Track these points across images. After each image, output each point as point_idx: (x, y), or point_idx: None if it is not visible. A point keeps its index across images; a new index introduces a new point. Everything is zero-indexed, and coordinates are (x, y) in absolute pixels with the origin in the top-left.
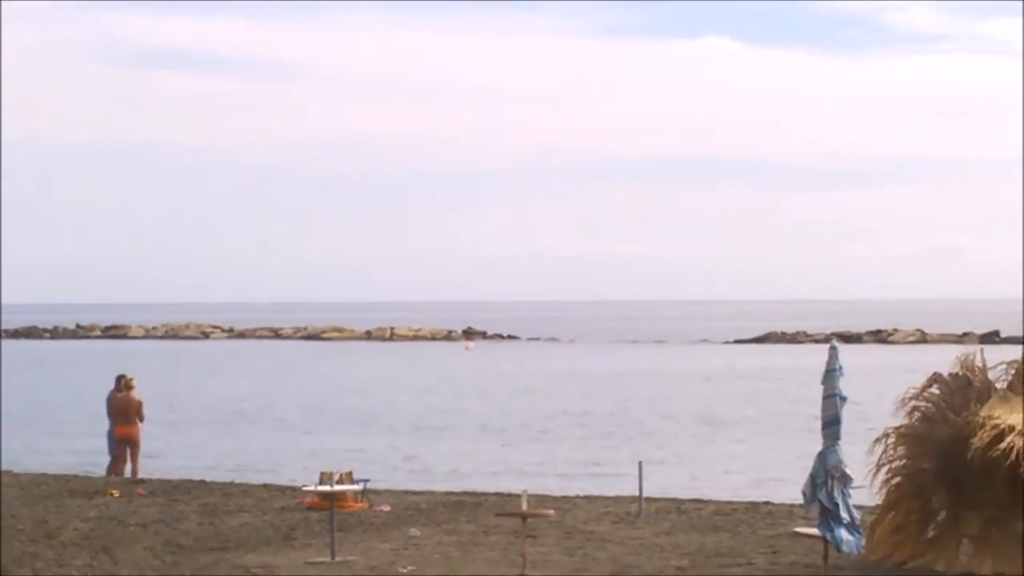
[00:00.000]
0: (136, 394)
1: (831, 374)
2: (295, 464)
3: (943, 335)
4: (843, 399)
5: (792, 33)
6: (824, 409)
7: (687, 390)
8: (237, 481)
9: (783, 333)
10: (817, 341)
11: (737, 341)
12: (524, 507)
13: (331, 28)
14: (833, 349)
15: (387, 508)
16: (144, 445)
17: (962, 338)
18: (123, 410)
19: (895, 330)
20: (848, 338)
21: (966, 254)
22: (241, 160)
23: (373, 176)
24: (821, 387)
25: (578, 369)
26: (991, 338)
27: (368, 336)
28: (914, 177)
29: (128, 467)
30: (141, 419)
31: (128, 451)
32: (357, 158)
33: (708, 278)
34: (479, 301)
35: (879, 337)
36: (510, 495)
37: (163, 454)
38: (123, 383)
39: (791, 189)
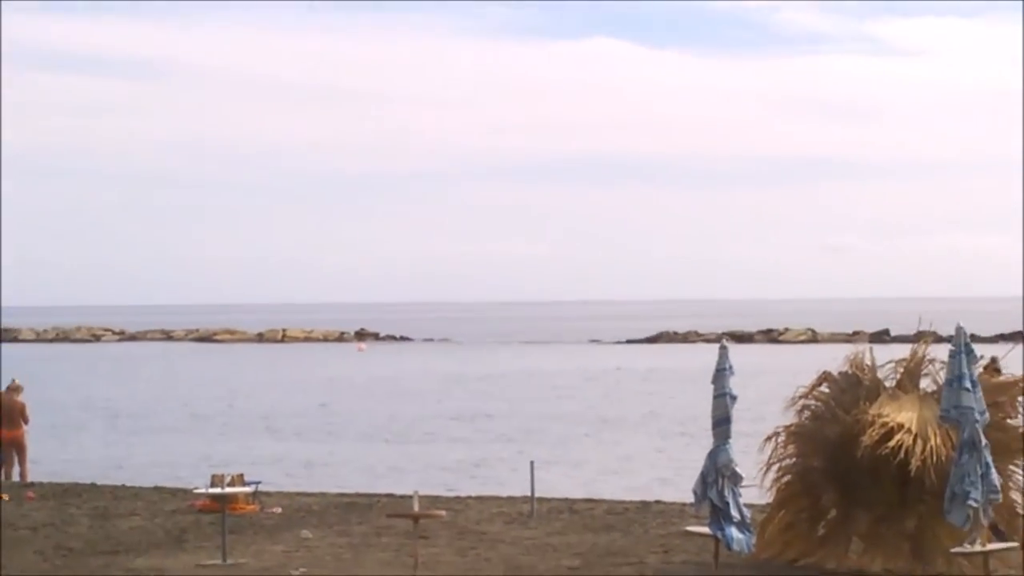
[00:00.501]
0: (21, 398)
1: (721, 373)
2: (186, 467)
3: (833, 334)
4: (733, 398)
5: (680, 34)
6: (715, 408)
7: (578, 390)
8: (128, 484)
9: (675, 333)
10: (709, 341)
11: (629, 341)
12: (416, 508)
13: (211, 29)
14: (723, 349)
15: (279, 510)
16: (32, 449)
17: (852, 337)
18: (9, 414)
19: (786, 329)
20: (740, 337)
21: (855, 253)
22: (131, 162)
23: (264, 178)
24: (712, 386)
25: (470, 370)
26: (881, 337)
27: (260, 338)
28: (802, 177)
29: (16, 471)
30: (26, 421)
31: (15, 455)
32: (248, 160)
33: (600, 278)
34: (372, 303)
35: (770, 336)
36: (402, 496)
37: (48, 459)
38: (9, 386)
39: (681, 189)
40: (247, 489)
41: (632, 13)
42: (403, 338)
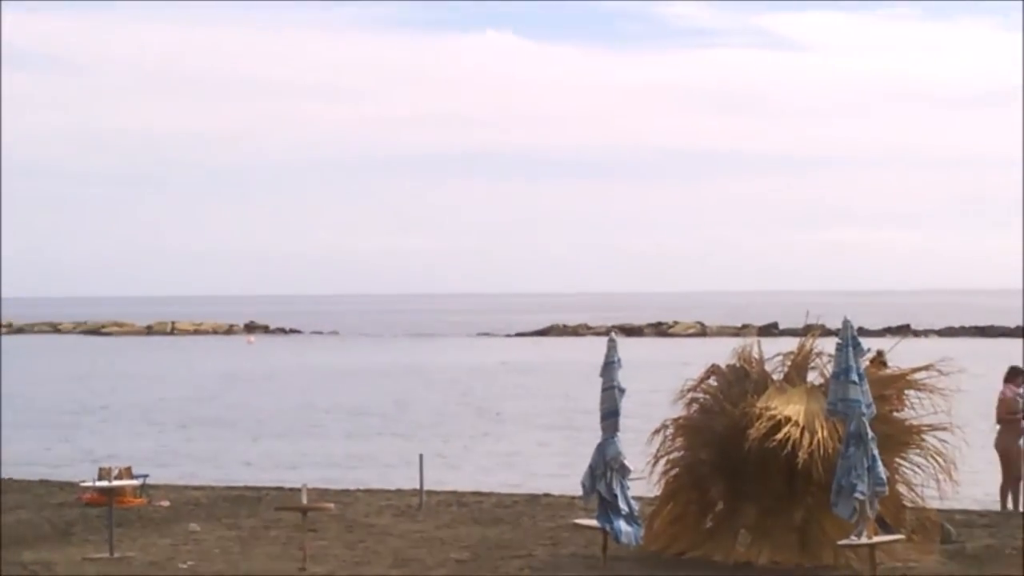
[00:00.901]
0: None
1: (610, 366)
2: (73, 460)
3: (722, 327)
4: (622, 391)
5: (570, 27)
6: (603, 401)
7: (468, 383)
8: (15, 478)
9: (565, 326)
10: (598, 334)
11: (519, 334)
12: (304, 501)
13: (95, 22)
14: (612, 342)
15: (166, 504)
16: None
17: (741, 330)
18: None
19: (675, 323)
20: (629, 331)
21: (744, 246)
22: (14, 155)
23: (151, 170)
24: (600, 379)
25: (360, 363)
26: (769, 330)
27: (149, 331)
28: (691, 170)
29: None
30: None
31: None
32: (134, 152)
33: (489, 271)
34: (262, 295)
35: (660, 330)
36: (290, 489)
37: None
38: None
39: (571, 182)
40: (135, 482)
41: (522, 7)
42: (292, 331)
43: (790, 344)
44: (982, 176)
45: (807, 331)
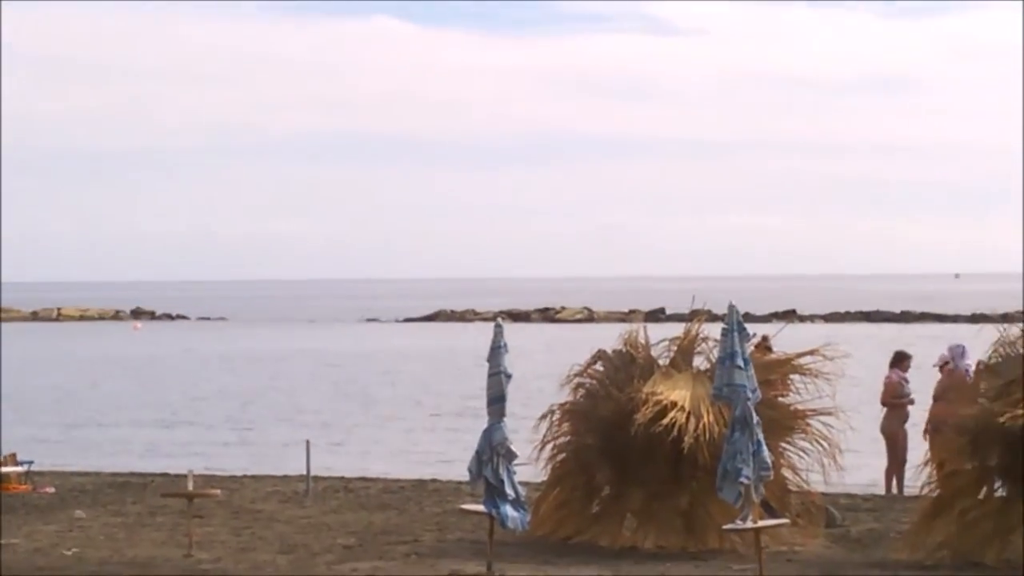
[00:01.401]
0: None
1: (496, 352)
2: None
3: (609, 313)
4: (508, 376)
5: (460, 13)
6: (490, 387)
7: (355, 369)
8: None
9: (452, 311)
10: (486, 319)
11: (406, 320)
12: (190, 487)
13: None
14: (498, 327)
15: (51, 490)
16: None
17: (628, 316)
18: None
19: (563, 308)
20: (517, 316)
21: (631, 232)
22: None
23: (27, 154)
24: (487, 365)
25: (247, 349)
26: (656, 316)
27: (34, 317)
28: (579, 154)
29: None
30: None
31: None
32: (9, 134)
33: (376, 256)
34: (148, 281)
35: (547, 315)
36: (176, 476)
37: None
38: None
39: (457, 167)
40: (19, 469)
41: None
42: (179, 316)
43: (676, 329)
44: (870, 161)
45: (693, 316)
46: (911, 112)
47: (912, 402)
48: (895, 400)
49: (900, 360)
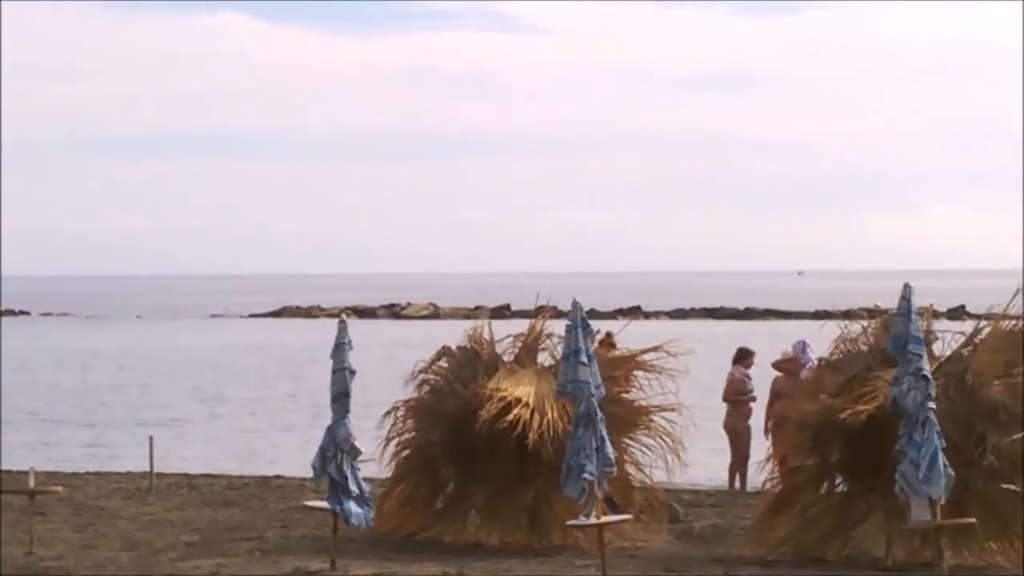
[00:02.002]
0: None
1: (340, 348)
2: None
3: (455, 309)
4: (352, 372)
5: (307, 9)
6: (334, 383)
7: (201, 365)
8: None
9: (298, 307)
10: (332, 315)
11: (252, 315)
12: (31, 484)
13: None
14: (342, 323)
15: None
16: None
17: (474, 312)
18: None
19: (408, 304)
20: (362, 312)
21: (480, 228)
22: None
23: None
24: (331, 361)
25: (91, 345)
26: (502, 312)
27: None
28: (430, 152)
29: None
30: None
31: None
32: None
33: (223, 252)
34: None
35: (393, 311)
36: (18, 472)
37: None
38: None
39: (305, 163)
40: None
41: None
42: (21, 312)
43: (522, 326)
44: (717, 157)
45: (538, 313)
46: (756, 109)
47: (754, 399)
48: (737, 397)
49: (743, 357)
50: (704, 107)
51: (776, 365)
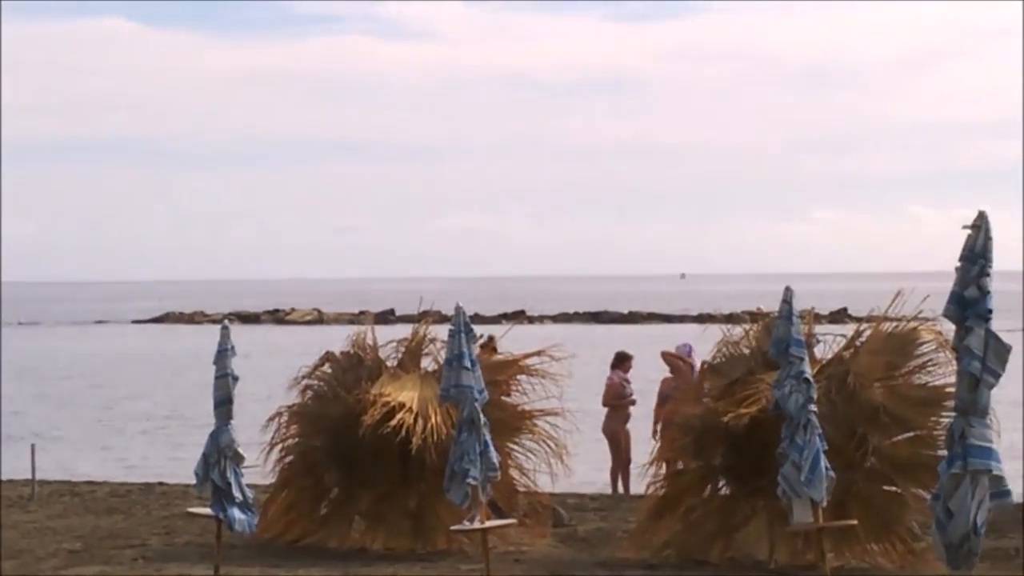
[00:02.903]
0: None
1: (223, 354)
2: None
3: (340, 314)
4: (235, 379)
5: (191, 14)
6: (217, 389)
7: (81, 372)
8: None
9: (181, 313)
10: (215, 321)
11: (135, 321)
12: None
13: None
14: (225, 329)
15: None
16: None
17: (358, 317)
18: None
19: (293, 310)
20: (246, 318)
21: (365, 234)
22: None
23: None
24: (214, 367)
25: None
26: (386, 317)
27: None
28: (314, 158)
29: None
30: None
31: None
32: None
33: (103, 258)
34: None
35: (277, 317)
36: None
37: None
38: None
39: (183, 168)
40: None
41: None
42: None
43: (406, 331)
44: (599, 162)
45: (422, 318)
46: (636, 114)
47: (633, 402)
48: (616, 401)
49: (621, 361)
50: (585, 112)
51: (666, 356)
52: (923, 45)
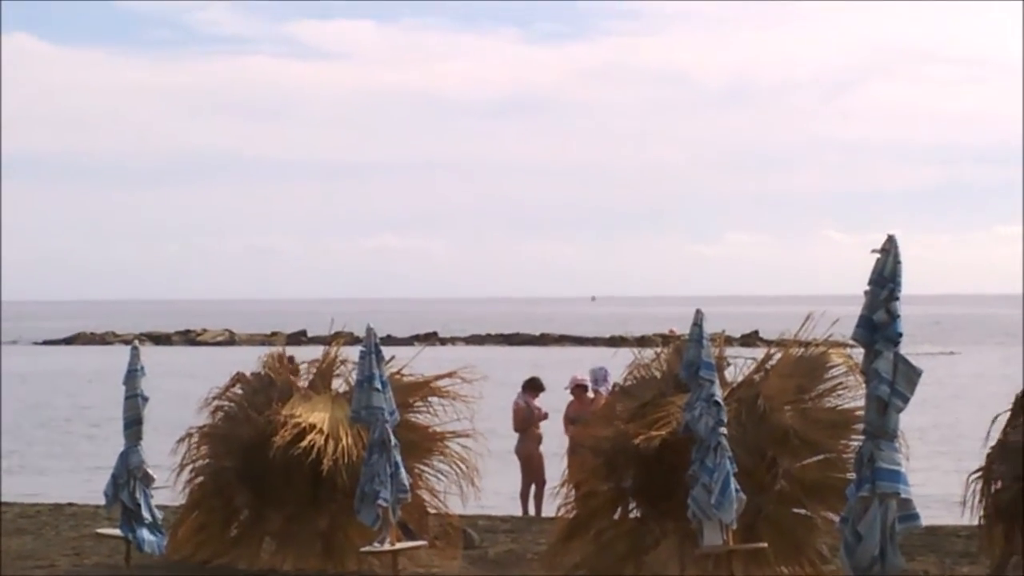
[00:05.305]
0: None
1: (133, 374)
2: None
3: (252, 335)
4: (145, 399)
5: (97, 32)
6: (126, 409)
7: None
8: None
9: (92, 334)
10: (126, 342)
11: (46, 342)
12: None
13: None
14: (135, 350)
15: None
16: None
17: (270, 338)
18: None
19: (204, 330)
20: (157, 338)
21: (278, 254)
22: None
23: None
24: (124, 388)
25: None
26: (298, 338)
27: None
28: (226, 177)
29: None
30: None
31: None
32: None
33: (13, 277)
34: None
35: (188, 337)
36: None
37: None
38: None
39: (98, 188)
40: None
41: (45, 10)
42: None
43: (317, 352)
44: (512, 183)
45: (334, 339)
46: (549, 134)
47: (545, 416)
48: (524, 425)
49: (531, 387)
50: (499, 133)
51: (572, 388)
52: (841, 67)
